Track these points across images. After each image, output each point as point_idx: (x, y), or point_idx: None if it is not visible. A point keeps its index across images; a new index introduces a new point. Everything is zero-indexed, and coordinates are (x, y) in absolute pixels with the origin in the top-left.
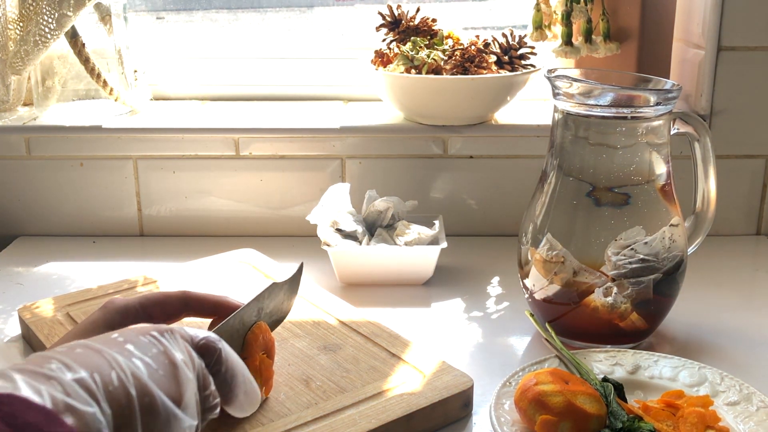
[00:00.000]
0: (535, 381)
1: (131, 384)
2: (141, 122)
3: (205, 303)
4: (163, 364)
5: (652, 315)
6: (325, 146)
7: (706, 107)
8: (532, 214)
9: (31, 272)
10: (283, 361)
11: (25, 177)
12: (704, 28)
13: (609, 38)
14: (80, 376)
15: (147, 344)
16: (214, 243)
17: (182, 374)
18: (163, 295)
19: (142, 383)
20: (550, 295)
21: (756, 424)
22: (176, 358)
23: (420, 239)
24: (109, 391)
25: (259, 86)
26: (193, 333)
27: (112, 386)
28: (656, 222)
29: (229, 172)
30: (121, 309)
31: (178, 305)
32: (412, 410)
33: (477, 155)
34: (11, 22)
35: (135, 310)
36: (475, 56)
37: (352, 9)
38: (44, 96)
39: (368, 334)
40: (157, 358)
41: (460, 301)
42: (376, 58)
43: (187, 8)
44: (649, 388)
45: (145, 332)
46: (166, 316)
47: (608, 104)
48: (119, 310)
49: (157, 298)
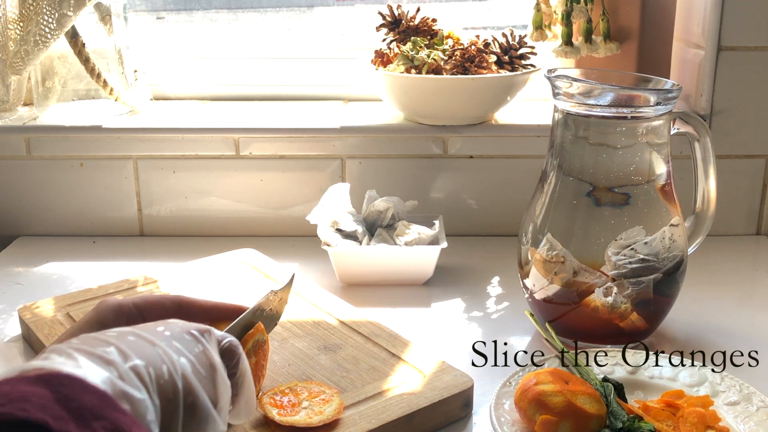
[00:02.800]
0: (535, 381)
1: (180, 380)
2: (141, 122)
3: (199, 308)
4: (205, 365)
5: (652, 315)
6: (325, 146)
7: (706, 107)
8: (532, 214)
9: (31, 272)
10: (283, 361)
11: (25, 177)
12: (704, 28)
13: (609, 38)
14: (135, 363)
15: (190, 342)
16: (214, 243)
17: (220, 378)
18: (158, 297)
19: (188, 381)
20: (550, 295)
21: (756, 424)
22: (215, 360)
23: (420, 239)
24: (160, 384)
25: (259, 86)
26: (219, 335)
27: (163, 379)
28: (656, 222)
29: (229, 172)
30: (115, 308)
31: (172, 309)
32: (412, 410)
33: (477, 155)
34: (11, 22)
35: (129, 309)
36: (475, 56)
37: (352, 9)
38: (44, 96)
39: (368, 334)
40: (199, 358)
41: (460, 301)
42: (376, 58)
43: (187, 8)
44: (649, 388)
45: (187, 330)
46: (159, 318)
47: (608, 104)
48: (113, 310)
49: (152, 300)
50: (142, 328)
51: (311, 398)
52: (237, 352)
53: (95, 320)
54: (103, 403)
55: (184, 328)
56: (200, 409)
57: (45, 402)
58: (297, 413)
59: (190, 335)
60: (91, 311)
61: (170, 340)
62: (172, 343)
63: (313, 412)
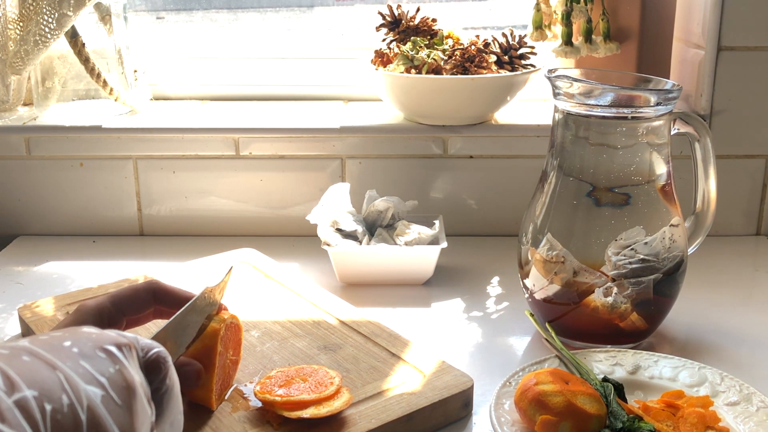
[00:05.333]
0: (535, 381)
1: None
2: (141, 122)
3: (172, 295)
4: (120, 390)
5: (652, 315)
6: (325, 146)
7: (706, 107)
8: (532, 214)
9: (31, 272)
10: (283, 361)
11: (25, 177)
12: (704, 28)
13: (609, 38)
14: (23, 395)
15: (104, 361)
16: (214, 243)
17: (139, 405)
18: (132, 289)
19: (95, 414)
20: (550, 295)
21: (756, 425)
22: (134, 381)
23: (420, 239)
24: (56, 420)
25: (259, 86)
26: (144, 344)
27: (61, 414)
28: (656, 222)
29: (229, 172)
30: (93, 311)
31: (146, 298)
32: (412, 410)
33: (477, 155)
34: (11, 22)
35: (108, 310)
36: (475, 56)
37: (352, 9)
38: (44, 96)
39: (368, 334)
40: (114, 381)
41: (460, 301)
42: (376, 58)
43: (187, 8)
44: (649, 388)
45: (100, 345)
46: (136, 310)
47: (608, 104)
48: (92, 313)
49: (126, 293)
50: (44, 344)
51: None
52: (165, 365)
53: (75, 324)
54: None
55: (98, 343)
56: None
57: None
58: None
59: (105, 352)
60: (71, 315)
61: (78, 360)
62: (79, 364)
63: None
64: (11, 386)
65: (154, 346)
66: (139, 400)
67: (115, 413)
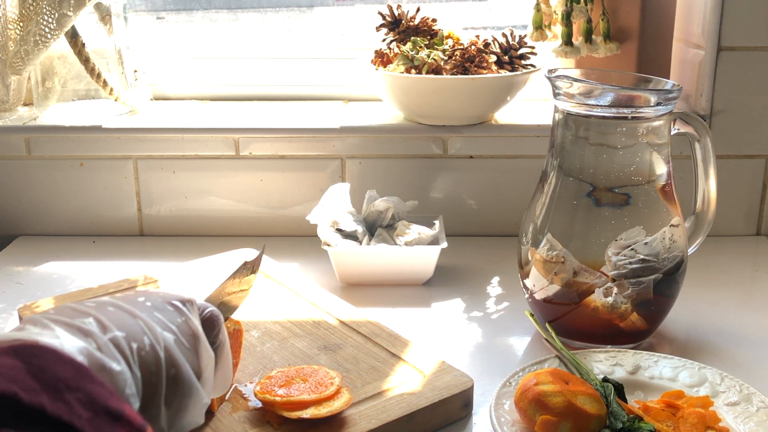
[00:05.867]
0: (535, 381)
1: (162, 351)
2: (141, 122)
3: None
4: (188, 336)
5: (652, 315)
6: (325, 146)
7: (706, 107)
8: (532, 214)
9: (31, 272)
10: (283, 361)
11: (25, 177)
12: (704, 28)
13: (609, 38)
14: (115, 335)
15: (172, 313)
16: (214, 243)
17: (203, 349)
18: None
19: (170, 353)
20: (550, 295)
21: (756, 425)
22: (198, 330)
23: (420, 239)
24: (141, 356)
25: (259, 86)
26: (200, 304)
27: (144, 351)
28: (656, 222)
29: (229, 172)
30: None
31: None
32: (412, 410)
33: (477, 155)
34: (11, 22)
35: None
36: (475, 56)
37: (352, 9)
38: (44, 96)
39: (368, 334)
40: (182, 329)
41: (460, 301)
42: (376, 58)
43: (187, 8)
44: (649, 389)
45: (168, 300)
46: None
47: (608, 104)
48: None
49: None
50: (122, 299)
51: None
52: (218, 321)
53: None
54: (78, 375)
55: (166, 299)
56: (184, 381)
57: (15, 374)
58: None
59: (172, 306)
60: None
61: (151, 311)
62: (153, 314)
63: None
64: (104, 328)
65: (209, 306)
66: (203, 345)
67: (186, 354)
